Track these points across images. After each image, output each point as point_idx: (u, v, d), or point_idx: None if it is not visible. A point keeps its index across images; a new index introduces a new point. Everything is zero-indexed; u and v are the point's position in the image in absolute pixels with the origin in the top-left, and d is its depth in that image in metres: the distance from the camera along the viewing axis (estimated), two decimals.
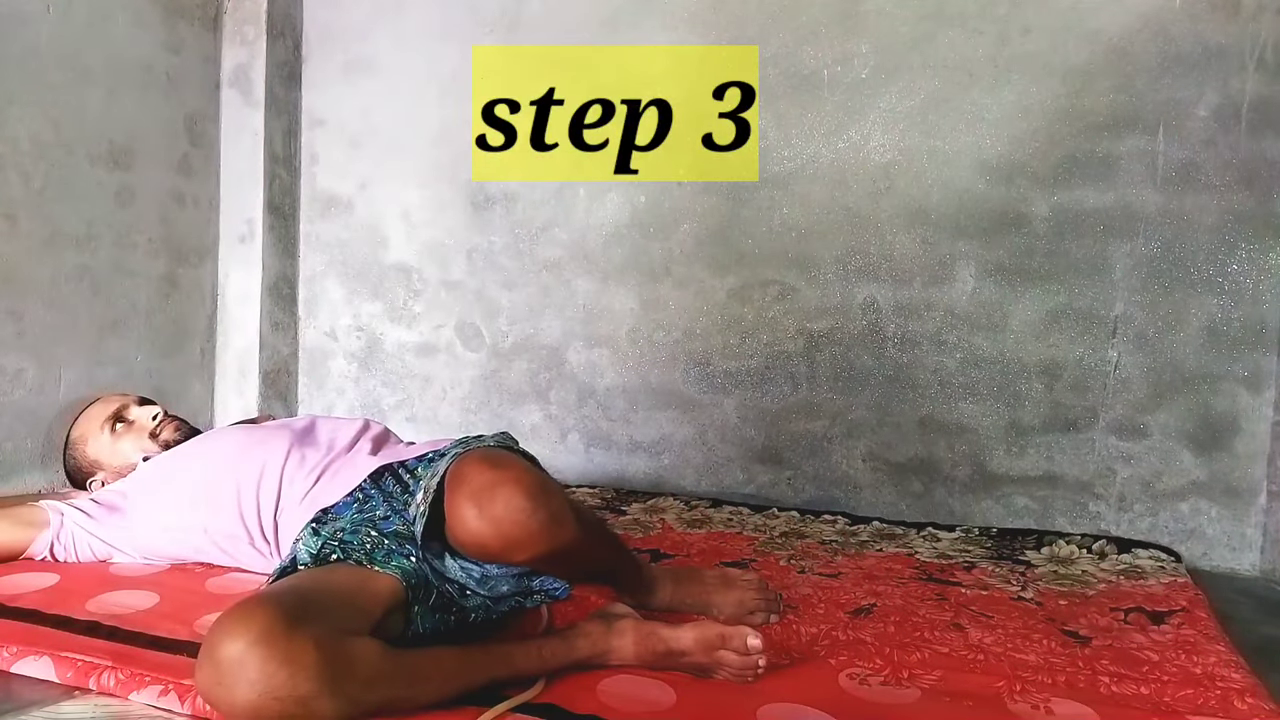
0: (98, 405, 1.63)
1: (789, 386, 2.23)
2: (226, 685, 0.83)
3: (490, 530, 1.00)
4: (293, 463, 1.37)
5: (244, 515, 1.36)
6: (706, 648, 1.07)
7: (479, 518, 1.00)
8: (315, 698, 0.85)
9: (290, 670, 0.83)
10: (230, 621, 0.86)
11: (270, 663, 0.83)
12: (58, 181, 2.13)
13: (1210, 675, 1.14)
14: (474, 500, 1.01)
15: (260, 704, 0.83)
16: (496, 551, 1.02)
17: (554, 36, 2.41)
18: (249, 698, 0.83)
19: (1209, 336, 1.93)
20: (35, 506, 1.47)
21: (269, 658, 0.83)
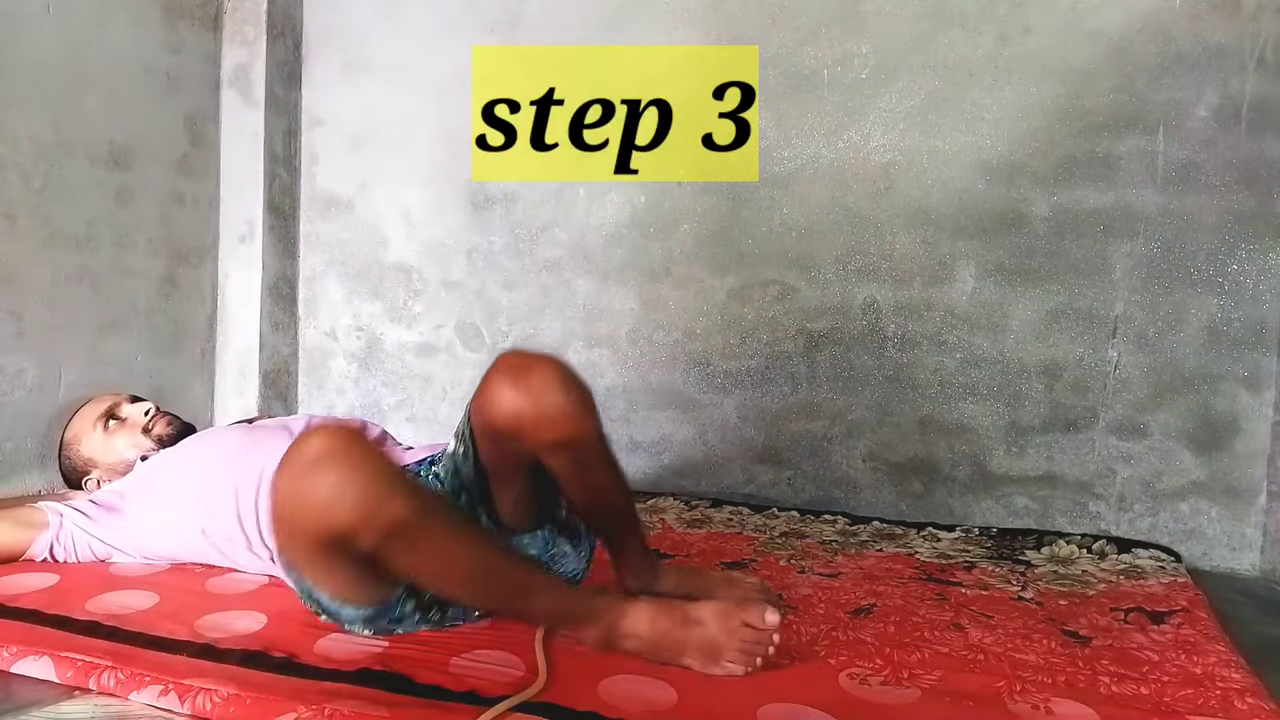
0: (90, 405, 1.64)
1: (789, 386, 2.23)
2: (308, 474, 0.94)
3: (526, 400, 1.06)
4: None
5: (242, 518, 1.36)
6: (723, 619, 1.08)
7: (514, 387, 1.06)
8: (385, 499, 0.93)
9: (363, 485, 0.93)
10: (320, 429, 0.98)
11: (353, 451, 0.94)
12: (58, 181, 2.13)
13: (1210, 675, 1.14)
14: (511, 374, 1.08)
15: (332, 494, 0.93)
16: (530, 422, 1.07)
17: (554, 36, 2.41)
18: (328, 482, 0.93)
19: (1209, 336, 1.93)
20: (34, 508, 1.47)
21: (346, 457, 0.94)
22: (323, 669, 1.05)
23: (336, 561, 1.04)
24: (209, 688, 0.98)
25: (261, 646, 1.11)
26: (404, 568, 1.02)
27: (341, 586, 1.10)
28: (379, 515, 0.95)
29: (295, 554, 1.07)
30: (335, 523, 0.95)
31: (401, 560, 1.00)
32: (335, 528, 0.96)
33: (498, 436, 1.11)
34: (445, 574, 1.03)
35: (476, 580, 1.04)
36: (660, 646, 1.09)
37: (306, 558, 1.06)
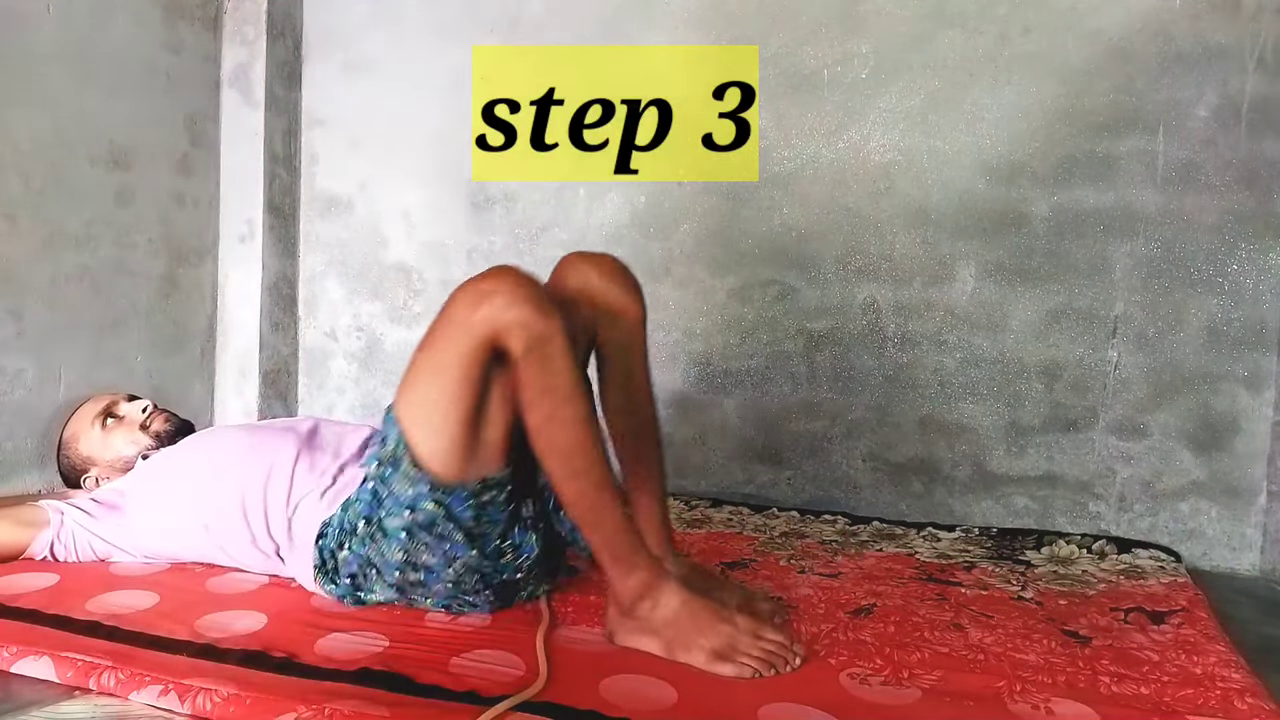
0: (88, 404, 1.64)
1: (789, 386, 2.23)
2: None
3: (593, 269, 1.30)
4: (302, 466, 1.38)
5: (248, 515, 1.36)
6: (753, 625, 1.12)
7: (585, 259, 1.33)
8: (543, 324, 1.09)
9: (532, 292, 1.11)
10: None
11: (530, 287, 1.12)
12: (58, 181, 2.13)
13: (1210, 675, 1.14)
14: (581, 253, 1.34)
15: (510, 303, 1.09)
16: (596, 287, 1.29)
17: (554, 36, 2.41)
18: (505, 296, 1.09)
19: (1209, 336, 1.93)
20: (35, 506, 1.47)
21: (524, 277, 1.13)
22: (323, 669, 1.05)
23: (466, 386, 1.13)
24: (209, 688, 0.98)
25: (261, 646, 1.11)
26: (529, 389, 1.11)
27: (444, 429, 1.15)
28: (537, 322, 1.09)
29: (434, 367, 1.16)
30: (503, 315, 1.09)
31: (532, 377, 1.10)
32: (501, 320, 1.09)
33: (562, 307, 1.19)
34: (558, 411, 1.11)
35: (578, 435, 1.12)
36: (682, 629, 1.10)
37: (444, 372, 1.14)
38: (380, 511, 1.22)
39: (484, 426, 1.17)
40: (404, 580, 1.24)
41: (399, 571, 1.24)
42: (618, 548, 1.14)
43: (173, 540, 1.43)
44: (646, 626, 1.13)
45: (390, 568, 1.24)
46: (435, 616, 1.27)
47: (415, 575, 1.24)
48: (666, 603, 1.12)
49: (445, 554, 1.22)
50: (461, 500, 1.19)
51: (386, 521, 1.22)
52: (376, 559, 1.24)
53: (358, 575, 1.26)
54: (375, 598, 1.28)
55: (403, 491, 1.20)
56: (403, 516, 1.20)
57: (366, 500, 1.25)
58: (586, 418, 1.13)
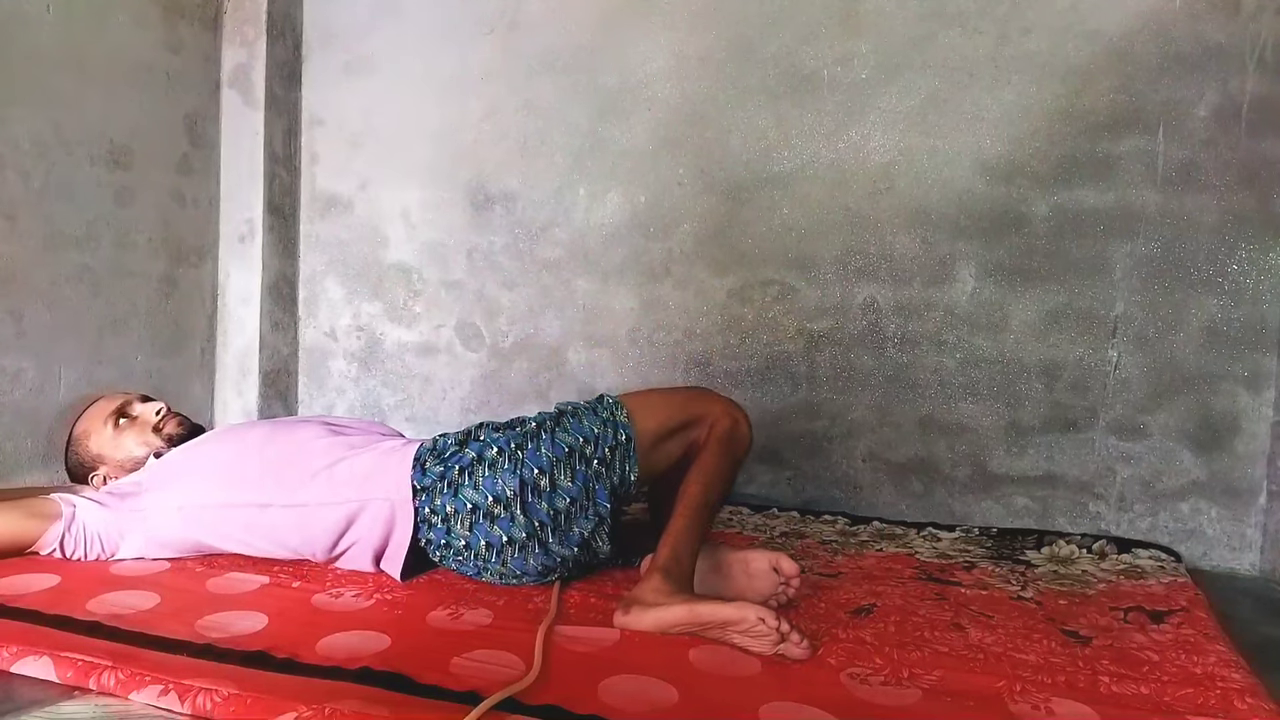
0: (101, 402, 1.65)
1: (789, 386, 2.23)
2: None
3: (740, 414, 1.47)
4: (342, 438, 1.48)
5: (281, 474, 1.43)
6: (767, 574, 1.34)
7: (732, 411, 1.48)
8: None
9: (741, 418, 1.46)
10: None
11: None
12: (58, 181, 2.12)
13: (1210, 675, 1.15)
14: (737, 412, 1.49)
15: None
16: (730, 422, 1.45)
17: (553, 36, 2.41)
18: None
19: (1209, 336, 1.93)
20: (46, 499, 1.47)
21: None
22: (323, 668, 1.06)
23: (684, 414, 1.45)
24: (209, 688, 0.98)
25: (262, 646, 1.11)
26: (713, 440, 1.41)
27: (649, 418, 1.44)
28: (744, 423, 1.46)
29: (676, 396, 1.54)
30: (726, 405, 1.46)
31: (721, 436, 1.42)
32: (724, 406, 1.46)
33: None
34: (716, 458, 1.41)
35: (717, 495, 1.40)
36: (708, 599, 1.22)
37: (678, 400, 1.49)
38: (557, 427, 1.43)
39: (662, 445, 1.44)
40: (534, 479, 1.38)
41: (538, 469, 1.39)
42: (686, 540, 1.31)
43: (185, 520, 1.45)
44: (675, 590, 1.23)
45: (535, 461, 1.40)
46: (436, 616, 1.27)
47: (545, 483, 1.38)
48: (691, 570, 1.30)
49: (584, 489, 1.39)
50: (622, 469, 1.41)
51: (559, 434, 1.42)
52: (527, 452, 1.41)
53: (485, 459, 1.40)
54: (468, 495, 1.39)
55: (590, 427, 1.42)
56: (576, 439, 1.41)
57: (548, 416, 1.46)
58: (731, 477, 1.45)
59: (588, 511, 1.39)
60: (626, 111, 2.34)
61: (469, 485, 1.38)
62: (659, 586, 1.23)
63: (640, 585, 1.26)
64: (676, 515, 1.33)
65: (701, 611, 1.17)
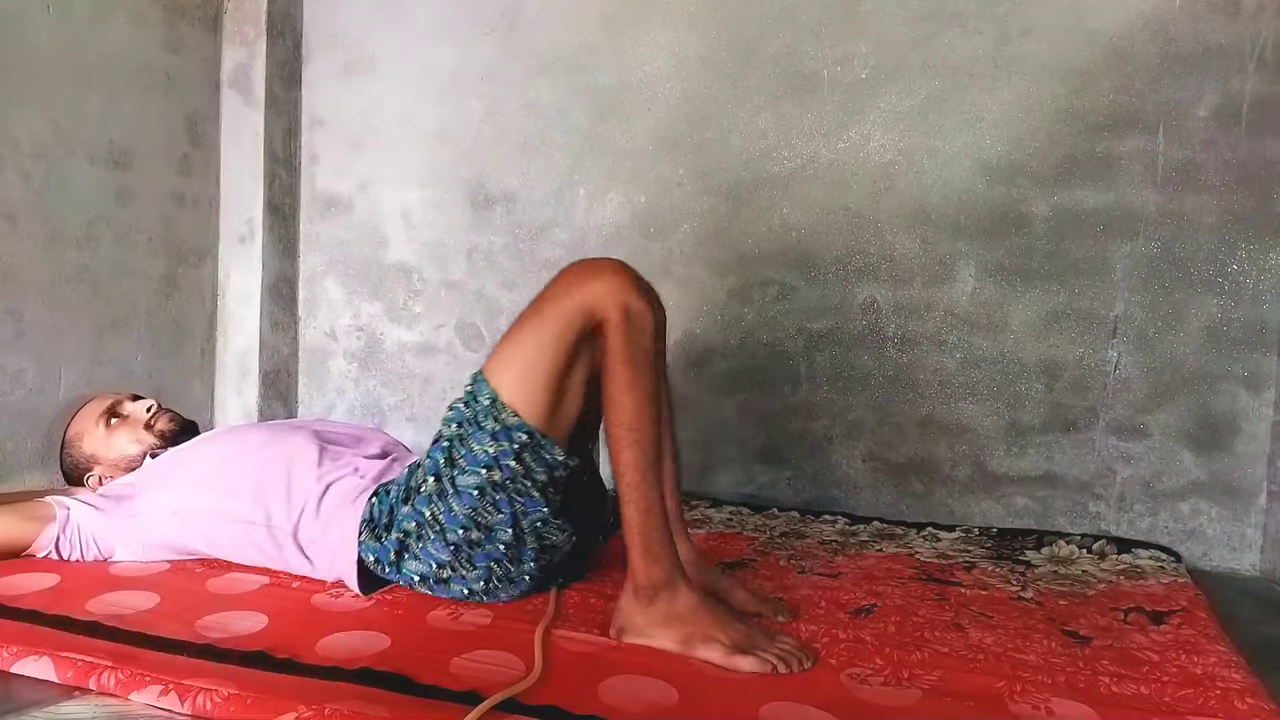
0: (92, 403, 1.65)
1: (789, 386, 2.23)
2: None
3: (607, 267, 1.24)
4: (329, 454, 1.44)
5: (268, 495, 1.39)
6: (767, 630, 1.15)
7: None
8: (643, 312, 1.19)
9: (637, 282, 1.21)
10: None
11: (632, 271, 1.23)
12: (58, 181, 2.13)
13: (1210, 675, 1.14)
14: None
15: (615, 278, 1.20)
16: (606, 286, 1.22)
17: (554, 36, 2.41)
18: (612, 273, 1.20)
19: (1209, 336, 1.93)
20: (41, 502, 1.47)
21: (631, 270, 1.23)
22: (323, 668, 1.05)
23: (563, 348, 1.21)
24: (209, 688, 0.98)
25: (262, 646, 1.11)
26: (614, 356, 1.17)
27: (533, 386, 1.24)
28: (637, 303, 1.19)
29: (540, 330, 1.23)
30: (610, 291, 1.18)
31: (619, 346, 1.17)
32: (608, 293, 1.18)
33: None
34: (633, 385, 1.17)
35: (644, 412, 1.17)
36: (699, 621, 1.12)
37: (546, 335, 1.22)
38: (454, 470, 1.27)
39: (564, 395, 1.25)
40: (464, 539, 1.27)
41: (462, 529, 1.26)
42: (650, 531, 1.15)
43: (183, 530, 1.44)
44: (664, 618, 1.13)
45: (454, 523, 1.27)
46: (437, 616, 1.27)
47: (476, 535, 1.27)
48: (686, 596, 1.14)
49: (514, 511, 1.26)
50: (542, 463, 1.26)
51: (460, 479, 1.26)
52: (442, 514, 1.27)
53: (411, 535, 1.29)
54: (412, 568, 1.30)
55: (482, 451, 1.25)
56: (479, 474, 1.26)
57: (439, 460, 1.30)
58: (656, 395, 1.19)
59: (534, 523, 1.28)
60: (626, 111, 2.34)
61: (410, 559, 1.31)
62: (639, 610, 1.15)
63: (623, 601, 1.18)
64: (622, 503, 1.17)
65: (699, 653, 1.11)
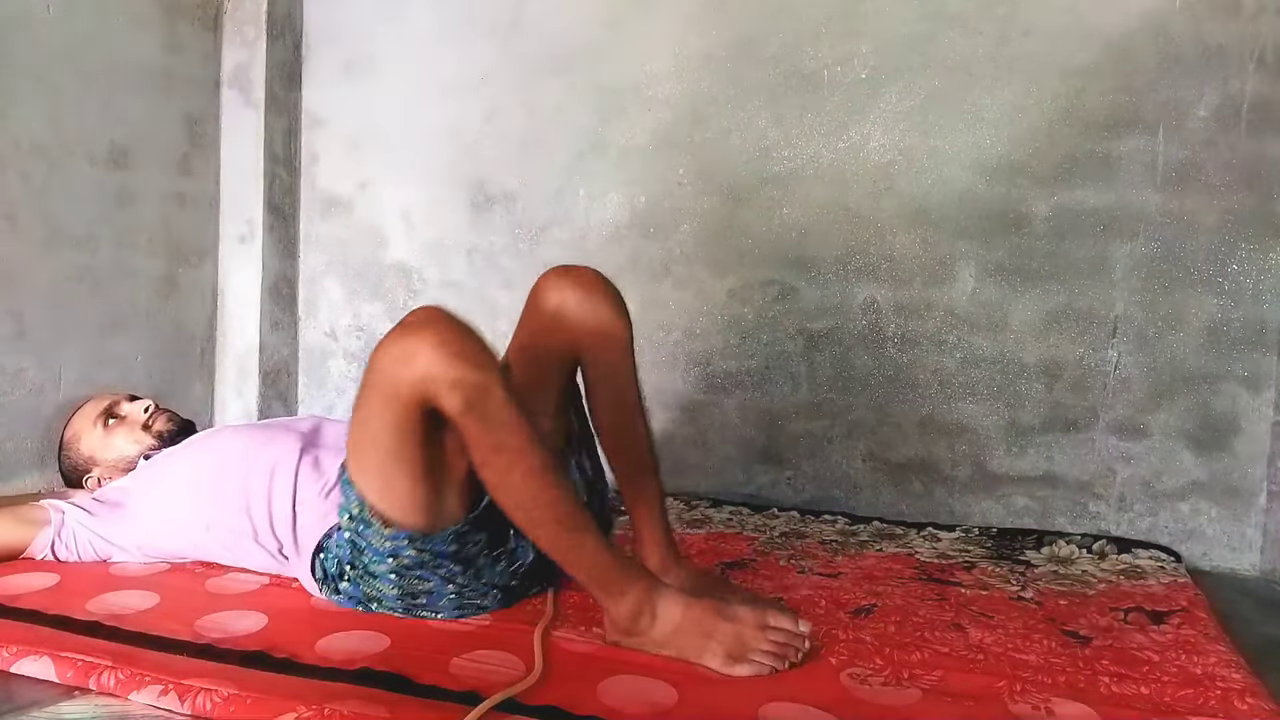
0: (89, 404, 1.65)
1: (789, 386, 2.23)
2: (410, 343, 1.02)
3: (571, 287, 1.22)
4: (306, 463, 1.39)
5: (251, 511, 1.37)
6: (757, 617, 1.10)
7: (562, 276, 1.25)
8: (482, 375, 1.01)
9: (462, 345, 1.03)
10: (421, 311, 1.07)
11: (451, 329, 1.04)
12: (58, 181, 2.13)
13: (1210, 675, 1.14)
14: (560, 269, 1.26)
15: (435, 360, 1.01)
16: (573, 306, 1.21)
17: (554, 36, 2.41)
18: (429, 354, 1.01)
19: (1209, 336, 1.93)
20: (36, 505, 1.47)
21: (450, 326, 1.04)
22: (323, 669, 1.05)
23: (409, 445, 1.09)
24: (209, 688, 0.98)
25: (262, 646, 1.11)
26: (476, 447, 1.05)
27: (397, 490, 1.13)
28: (471, 374, 1.01)
29: (373, 431, 1.11)
30: (431, 374, 1.01)
31: (477, 435, 1.03)
32: (430, 380, 1.01)
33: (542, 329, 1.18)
34: (510, 465, 1.04)
35: (535, 486, 1.05)
36: (690, 635, 1.09)
37: (382, 435, 1.10)
38: (364, 559, 1.23)
39: (442, 478, 1.14)
40: (408, 605, 1.25)
41: (400, 600, 1.24)
42: (602, 577, 1.11)
43: (175, 537, 1.43)
44: (651, 641, 1.12)
45: (390, 599, 1.25)
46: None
47: (417, 600, 1.24)
48: (666, 614, 1.10)
49: (441, 578, 1.22)
50: (441, 540, 1.19)
51: (372, 567, 1.22)
52: (374, 594, 1.25)
53: (360, 600, 1.27)
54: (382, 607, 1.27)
55: (380, 545, 1.20)
56: (387, 563, 1.21)
57: (347, 549, 1.24)
58: (539, 469, 1.05)
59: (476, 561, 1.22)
60: (626, 111, 2.34)
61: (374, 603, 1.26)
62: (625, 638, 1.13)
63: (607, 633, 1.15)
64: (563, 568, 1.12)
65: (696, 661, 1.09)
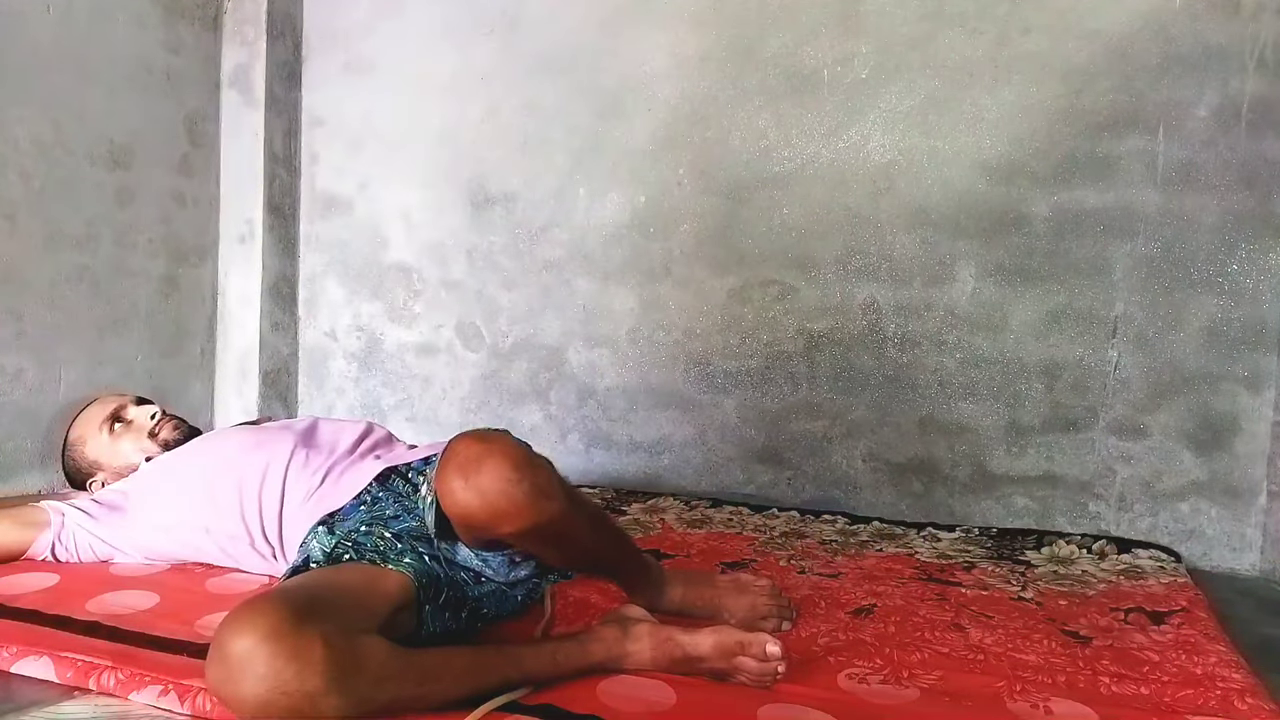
0: (95, 406, 1.63)
1: (789, 386, 2.23)
2: (235, 680, 0.83)
3: (477, 500, 1.00)
4: (296, 464, 1.38)
5: (245, 515, 1.36)
6: (725, 654, 1.05)
7: (465, 488, 1.00)
8: (323, 694, 0.84)
9: (298, 666, 0.83)
10: (239, 618, 0.86)
11: (278, 659, 0.83)
12: (58, 181, 2.13)
13: (1210, 675, 1.14)
14: (461, 471, 1.01)
15: (268, 699, 0.83)
16: (483, 522, 1.02)
17: (554, 36, 2.41)
18: (257, 692, 0.83)
19: (1209, 336, 1.93)
20: (36, 507, 1.47)
21: (277, 654, 0.83)
22: None
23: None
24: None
25: None
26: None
27: None
28: (310, 683, 0.84)
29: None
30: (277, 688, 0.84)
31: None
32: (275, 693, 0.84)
33: (456, 524, 1.08)
34: (426, 700, 0.93)
35: (460, 689, 0.95)
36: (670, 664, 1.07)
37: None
38: None
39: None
40: None
41: None
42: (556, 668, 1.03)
43: (174, 540, 1.43)
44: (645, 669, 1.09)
45: None
46: None
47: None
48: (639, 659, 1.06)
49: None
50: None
51: None
52: None
53: None
54: None
55: None
56: None
57: None
58: (448, 687, 0.94)
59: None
60: (626, 111, 2.34)
61: None
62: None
63: None
64: None
65: None
